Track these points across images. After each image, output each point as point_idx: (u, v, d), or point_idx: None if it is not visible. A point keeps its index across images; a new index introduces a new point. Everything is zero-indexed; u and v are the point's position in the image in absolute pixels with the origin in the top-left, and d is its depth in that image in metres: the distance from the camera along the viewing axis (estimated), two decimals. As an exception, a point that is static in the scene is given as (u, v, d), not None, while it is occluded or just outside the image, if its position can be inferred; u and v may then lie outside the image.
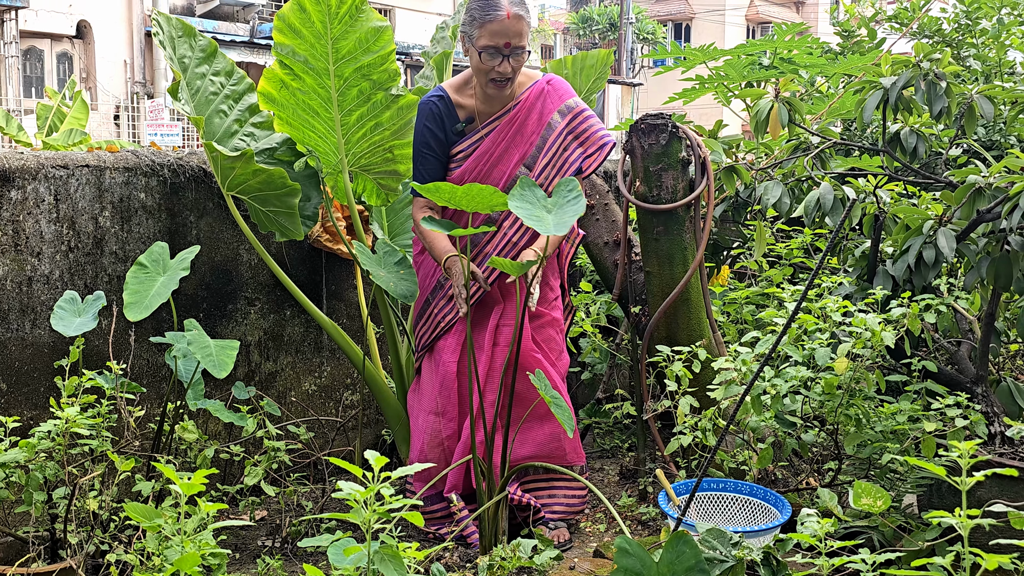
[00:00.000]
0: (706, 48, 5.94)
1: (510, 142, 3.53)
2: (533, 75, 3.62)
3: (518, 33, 3.34)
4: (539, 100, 3.54)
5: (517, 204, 3.01)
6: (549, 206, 3.05)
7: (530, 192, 3.07)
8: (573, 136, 3.55)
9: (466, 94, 3.56)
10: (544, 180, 3.52)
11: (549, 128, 3.53)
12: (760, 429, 3.25)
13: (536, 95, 3.55)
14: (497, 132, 3.53)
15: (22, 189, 3.38)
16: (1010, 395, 3.51)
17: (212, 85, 3.86)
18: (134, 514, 2.13)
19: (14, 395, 3.43)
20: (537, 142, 3.52)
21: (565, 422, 3.10)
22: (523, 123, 3.53)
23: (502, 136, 3.53)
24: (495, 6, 3.34)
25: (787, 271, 4.73)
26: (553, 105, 3.55)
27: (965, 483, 2.19)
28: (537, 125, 3.53)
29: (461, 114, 3.55)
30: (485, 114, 3.55)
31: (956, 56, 5.80)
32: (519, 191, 3.06)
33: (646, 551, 2.25)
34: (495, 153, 3.53)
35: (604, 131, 3.58)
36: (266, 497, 3.81)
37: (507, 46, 3.34)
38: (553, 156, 3.52)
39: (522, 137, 3.53)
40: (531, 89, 3.55)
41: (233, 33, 21.84)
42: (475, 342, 3.58)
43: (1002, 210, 3.14)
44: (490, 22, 3.33)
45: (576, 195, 3.08)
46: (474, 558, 3.28)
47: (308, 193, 3.93)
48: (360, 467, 2.20)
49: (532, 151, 3.52)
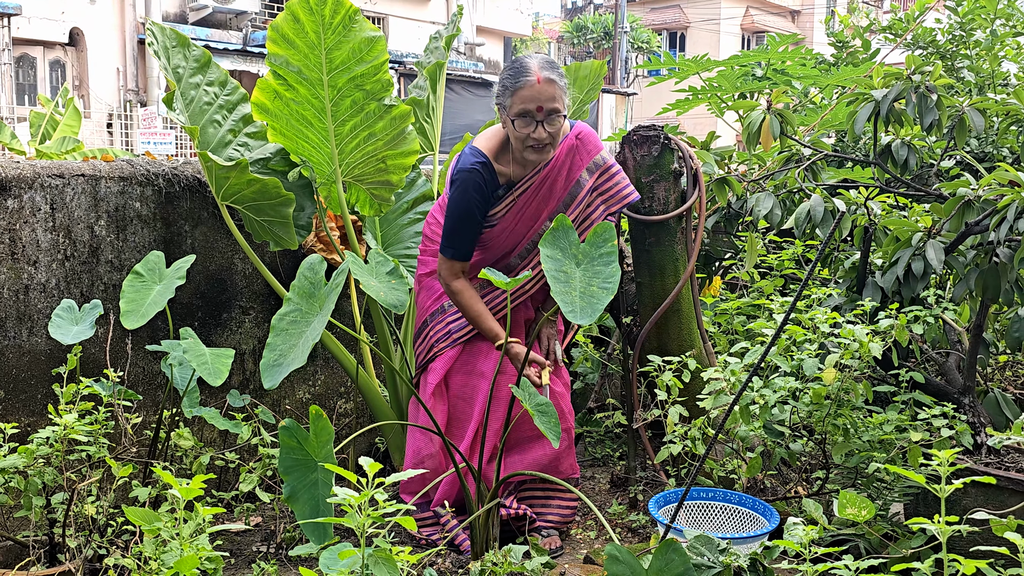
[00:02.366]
0: (700, 59, 5.99)
1: (542, 200, 3.53)
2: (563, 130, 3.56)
3: (551, 97, 3.29)
4: (568, 157, 3.51)
5: (548, 251, 3.01)
6: (580, 256, 3.06)
7: (563, 236, 3.07)
8: (599, 194, 3.55)
9: (504, 160, 3.50)
10: None
11: (578, 185, 3.52)
12: (749, 438, 3.29)
13: (566, 152, 3.50)
14: (530, 192, 3.51)
15: (18, 198, 3.41)
16: (997, 406, 3.55)
17: (206, 95, 3.89)
18: (134, 518, 2.17)
19: (11, 402, 3.45)
20: (565, 198, 3.52)
21: (549, 431, 3.10)
22: (554, 181, 3.51)
23: (534, 196, 3.52)
24: (525, 71, 3.31)
25: (778, 282, 4.77)
26: (582, 161, 3.51)
27: (944, 490, 2.23)
28: (566, 182, 3.52)
29: (500, 180, 3.51)
30: (519, 177, 3.52)
31: (950, 67, 5.84)
32: (552, 233, 3.07)
33: (636, 558, 2.29)
34: (527, 212, 3.53)
35: (629, 188, 3.56)
36: (261, 503, 3.84)
37: (540, 110, 3.30)
38: (579, 213, 3.53)
39: (552, 195, 3.52)
40: (561, 146, 3.50)
41: (226, 41, 21.83)
42: (477, 368, 3.62)
43: (990, 222, 3.18)
44: (521, 88, 3.30)
45: (610, 251, 3.05)
46: (466, 564, 3.31)
47: (302, 203, 3.96)
48: (354, 474, 2.23)
49: (559, 207, 3.52)
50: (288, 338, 3.08)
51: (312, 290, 3.19)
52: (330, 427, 2.88)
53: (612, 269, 3.01)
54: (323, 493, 2.88)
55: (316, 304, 3.16)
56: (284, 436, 2.87)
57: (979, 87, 5.63)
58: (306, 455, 2.89)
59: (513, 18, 31.84)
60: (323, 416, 2.88)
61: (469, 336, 3.61)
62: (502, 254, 3.61)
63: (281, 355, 3.04)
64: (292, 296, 3.18)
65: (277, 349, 3.06)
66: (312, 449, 2.89)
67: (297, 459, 2.89)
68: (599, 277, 3.01)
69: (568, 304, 2.91)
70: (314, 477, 2.90)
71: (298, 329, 3.10)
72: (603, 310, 2.94)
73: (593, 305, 2.91)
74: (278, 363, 3.02)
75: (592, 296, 2.94)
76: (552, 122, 3.33)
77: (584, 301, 2.93)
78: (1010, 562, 2.42)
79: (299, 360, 2.97)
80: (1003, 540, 2.23)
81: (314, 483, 2.91)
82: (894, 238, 3.59)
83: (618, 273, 3.01)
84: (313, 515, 2.85)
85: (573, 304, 2.92)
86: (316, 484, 2.90)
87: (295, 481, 2.89)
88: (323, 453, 2.88)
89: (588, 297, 2.94)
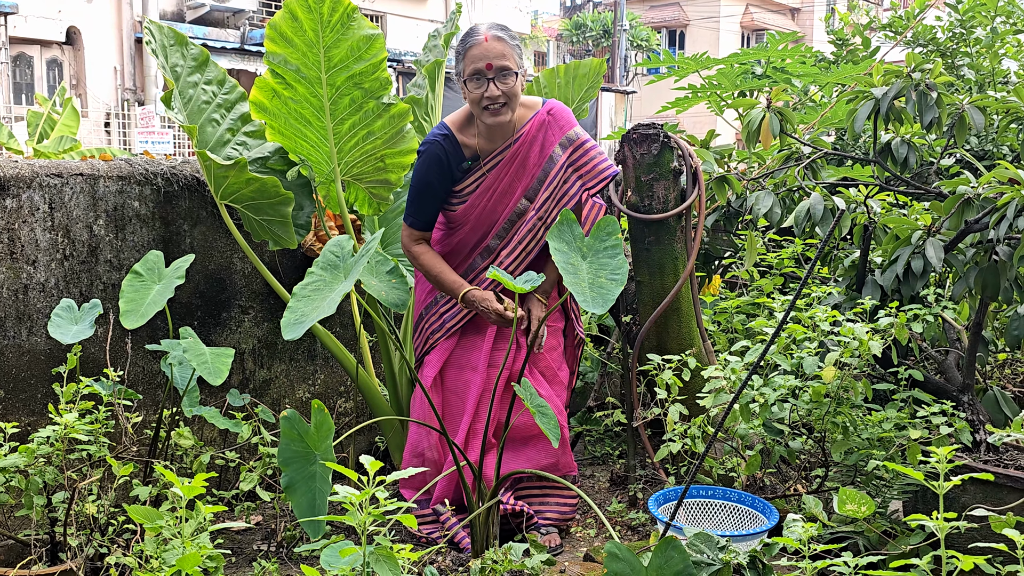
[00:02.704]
0: (699, 57, 5.99)
1: (514, 176, 3.54)
2: (533, 105, 3.59)
3: (500, 54, 3.35)
4: (540, 132, 3.54)
5: (555, 243, 3.04)
6: (585, 249, 3.08)
7: (567, 229, 3.09)
8: (574, 169, 3.55)
9: (470, 133, 3.55)
10: (544, 212, 3.54)
11: (551, 161, 3.53)
12: (748, 436, 3.29)
13: (537, 127, 3.54)
14: (500, 167, 3.54)
15: (17, 197, 3.41)
16: (996, 404, 3.56)
17: (204, 94, 3.89)
18: (136, 516, 2.17)
19: (11, 401, 3.45)
20: (539, 175, 3.53)
21: (550, 431, 3.11)
22: (525, 156, 3.53)
23: (505, 171, 3.54)
24: (473, 33, 3.39)
25: (778, 280, 4.77)
26: (555, 137, 3.53)
27: (942, 487, 2.23)
28: (539, 158, 3.54)
29: (466, 152, 3.55)
30: (488, 151, 3.55)
31: (950, 65, 5.83)
32: (558, 228, 3.09)
33: (635, 555, 2.29)
34: (499, 188, 3.55)
35: (605, 162, 3.58)
36: (261, 502, 3.84)
37: (489, 68, 3.35)
38: (554, 190, 3.53)
39: (525, 170, 3.54)
40: (532, 121, 3.53)
41: (223, 40, 21.81)
42: (469, 362, 3.64)
43: (990, 220, 3.18)
44: (470, 49, 3.37)
45: (614, 244, 3.07)
46: (466, 562, 3.31)
47: (301, 202, 3.96)
48: (354, 472, 2.23)
49: (533, 183, 3.54)
50: (311, 302, 3.06)
51: (337, 262, 3.19)
52: (331, 422, 2.89)
53: (619, 261, 3.04)
54: (321, 486, 2.89)
55: (340, 274, 3.16)
56: (285, 427, 2.88)
57: (979, 85, 5.63)
58: (306, 447, 2.91)
59: (512, 16, 31.84)
60: (324, 410, 2.89)
61: (462, 323, 3.62)
62: (480, 234, 3.61)
63: (303, 315, 3.01)
64: (315, 270, 3.17)
65: (298, 311, 3.04)
66: (312, 442, 2.90)
67: (297, 451, 2.91)
68: (606, 269, 3.04)
69: (580, 294, 2.95)
70: (313, 470, 2.91)
71: (321, 295, 3.08)
72: (614, 301, 2.97)
73: (604, 296, 2.95)
74: (300, 321, 2.98)
75: (602, 287, 2.98)
76: (503, 79, 3.37)
77: (594, 292, 2.96)
78: (1008, 559, 2.42)
79: (325, 311, 2.94)
80: (1001, 537, 2.23)
81: (312, 476, 2.92)
82: (894, 236, 3.59)
83: (625, 265, 3.03)
84: (310, 507, 2.87)
85: (584, 294, 2.96)
86: (314, 477, 2.92)
87: (294, 472, 2.90)
88: (323, 447, 2.89)
89: (598, 288, 2.97)
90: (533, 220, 3.54)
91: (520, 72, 3.42)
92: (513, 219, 3.57)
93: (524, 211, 3.57)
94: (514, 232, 3.57)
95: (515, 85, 3.41)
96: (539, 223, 3.55)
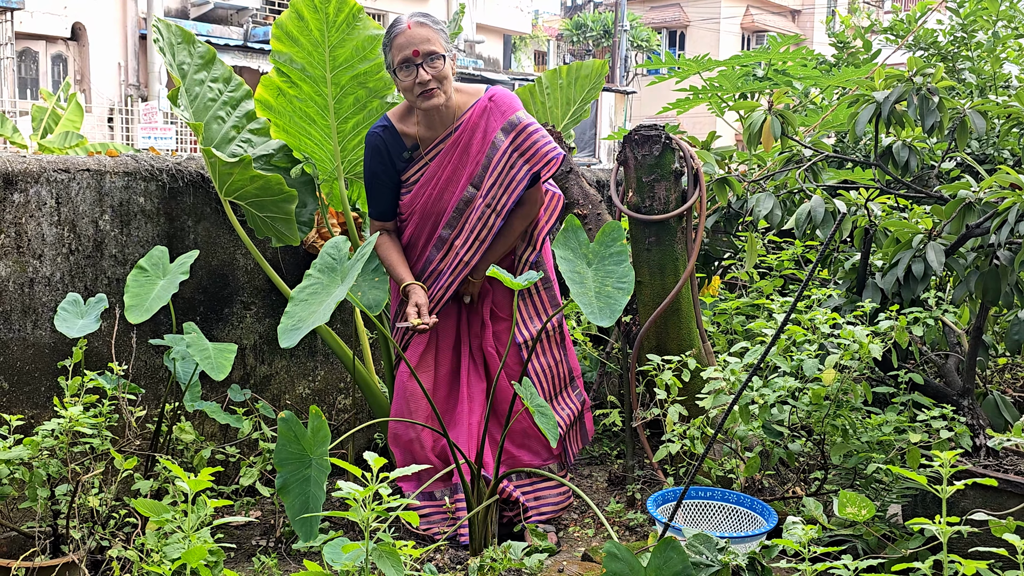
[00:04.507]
0: (700, 59, 6.01)
1: (457, 164, 3.52)
2: (475, 93, 3.57)
3: (425, 39, 3.35)
4: (482, 118, 3.50)
5: (561, 252, 3.04)
6: (590, 256, 3.08)
7: (573, 236, 3.09)
8: (519, 153, 3.47)
9: (410, 122, 3.54)
10: (492, 199, 3.49)
11: (493, 147, 3.48)
12: (748, 438, 3.30)
13: (479, 114, 3.51)
14: (442, 155, 3.53)
15: (24, 192, 3.42)
16: (996, 408, 3.56)
17: (210, 91, 3.91)
18: (142, 509, 2.19)
19: (16, 394, 3.47)
20: (483, 161, 3.49)
21: (548, 432, 3.12)
22: (467, 144, 3.51)
23: (447, 159, 3.53)
24: (397, 23, 3.41)
25: (778, 282, 4.78)
26: (496, 122, 3.48)
27: (945, 491, 2.24)
28: (482, 144, 3.50)
29: (407, 142, 3.55)
30: (429, 139, 3.55)
31: (951, 69, 5.83)
32: (564, 235, 3.09)
33: (634, 555, 2.30)
34: (443, 176, 3.54)
35: (550, 145, 3.49)
36: (261, 498, 3.85)
37: (416, 54, 3.35)
38: (500, 175, 3.48)
39: (468, 157, 3.51)
40: (473, 108, 3.51)
41: (227, 37, 21.82)
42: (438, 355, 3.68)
43: (991, 225, 3.18)
44: (395, 38, 3.38)
45: (620, 251, 3.06)
46: (464, 559, 3.32)
47: (304, 199, 3.97)
48: (356, 467, 2.25)
49: (478, 171, 3.50)
50: (308, 306, 3.08)
51: (335, 264, 3.20)
52: (327, 429, 2.90)
53: (625, 268, 3.03)
54: (314, 490, 2.90)
55: (338, 277, 3.17)
56: (283, 428, 2.90)
57: (980, 89, 5.63)
58: (301, 450, 2.92)
59: (513, 16, 31.85)
60: (322, 417, 2.90)
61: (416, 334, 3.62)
62: (431, 225, 3.60)
63: (300, 320, 3.03)
64: (313, 272, 3.19)
65: (295, 316, 3.06)
66: (308, 446, 2.92)
67: (292, 452, 2.92)
68: (612, 276, 3.03)
69: (587, 305, 2.93)
70: (307, 473, 2.92)
71: (318, 299, 3.10)
72: (621, 311, 2.95)
73: (611, 306, 2.94)
74: (296, 327, 3.01)
75: (609, 296, 2.96)
76: (431, 63, 3.37)
77: (601, 302, 2.95)
78: (1008, 564, 2.43)
79: (320, 319, 2.95)
80: (1001, 542, 2.24)
81: (306, 479, 2.93)
82: (894, 239, 3.60)
83: (631, 273, 3.02)
84: (302, 509, 2.88)
85: (591, 305, 2.94)
86: (308, 480, 2.93)
87: (288, 474, 2.92)
88: (318, 452, 2.91)
89: (605, 297, 2.96)
90: (481, 207, 3.49)
91: (448, 55, 3.41)
92: (461, 207, 3.53)
93: (472, 199, 3.52)
94: (464, 221, 3.53)
95: (444, 67, 3.40)
96: (488, 210, 3.49)
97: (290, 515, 2.90)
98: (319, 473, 2.89)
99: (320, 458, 2.90)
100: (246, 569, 3.38)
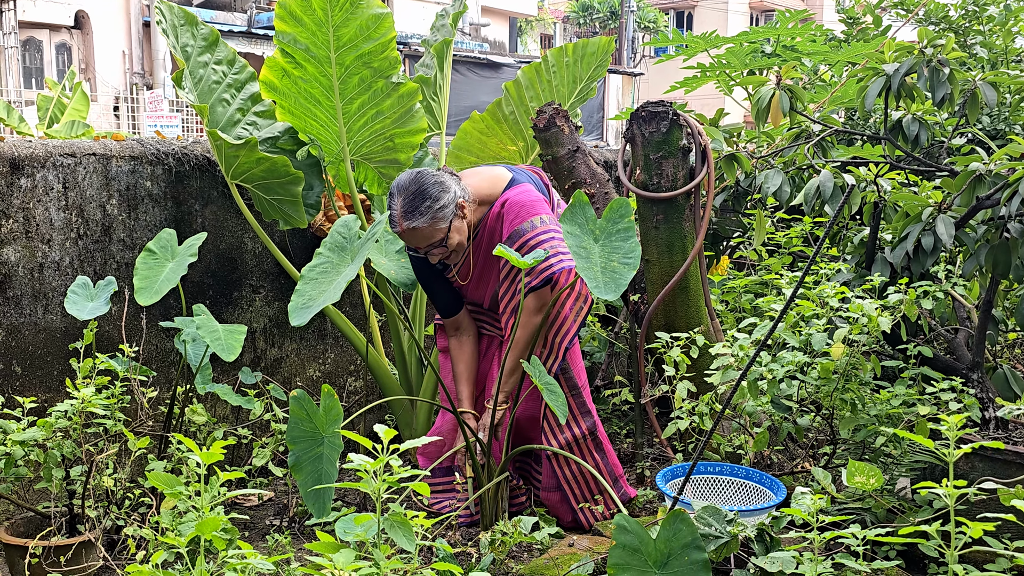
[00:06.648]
0: (708, 36, 5.97)
1: (483, 264, 3.55)
2: (491, 199, 3.50)
3: (420, 239, 3.29)
4: (497, 223, 3.49)
5: (568, 227, 3.04)
6: (597, 232, 3.08)
7: (580, 212, 3.10)
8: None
9: None
10: (503, 306, 3.53)
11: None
12: (756, 414, 3.30)
13: (494, 218, 3.49)
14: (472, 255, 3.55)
15: (31, 177, 3.43)
16: (1005, 382, 3.55)
17: (214, 74, 3.90)
18: (157, 483, 2.20)
19: (28, 378, 3.49)
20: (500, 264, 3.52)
21: (558, 408, 3.12)
22: (488, 246, 3.50)
23: (475, 260, 3.56)
24: (392, 217, 3.29)
25: (786, 260, 4.77)
26: (506, 231, 3.43)
27: (952, 455, 2.24)
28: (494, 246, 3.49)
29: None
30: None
31: (962, 43, 5.78)
32: (571, 211, 3.09)
33: (644, 528, 2.31)
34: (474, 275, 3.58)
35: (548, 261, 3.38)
36: (273, 478, 3.87)
37: (418, 249, 3.36)
38: (508, 283, 3.52)
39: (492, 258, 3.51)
40: (491, 211, 3.49)
41: (230, 23, 21.78)
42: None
43: (1001, 197, 3.16)
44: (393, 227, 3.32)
45: (626, 227, 3.06)
46: (475, 535, 3.33)
47: (311, 182, 3.98)
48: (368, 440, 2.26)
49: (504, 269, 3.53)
50: (318, 285, 3.09)
51: (344, 244, 3.21)
52: (339, 407, 2.92)
53: (631, 244, 3.03)
54: (327, 468, 2.92)
55: (348, 256, 3.17)
56: (295, 406, 2.91)
57: (992, 63, 5.58)
58: (314, 428, 2.94)
59: (519, -2, 31.73)
60: (334, 395, 2.92)
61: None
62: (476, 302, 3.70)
63: (310, 298, 3.04)
64: (323, 251, 3.20)
65: (306, 295, 3.07)
66: (320, 424, 2.93)
67: (305, 430, 2.94)
68: (619, 252, 3.03)
69: (592, 280, 2.94)
70: (319, 451, 2.94)
71: (328, 278, 3.11)
72: (626, 286, 2.95)
73: (616, 280, 2.94)
74: (307, 305, 3.02)
75: (614, 271, 2.97)
76: (434, 252, 3.36)
77: (607, 276, 2.95)
78: (1016, 533, 2.43)
79: (331, 298, 2.97)
80: (1010, 510, 2.24)
81: (319, 456, 2.95)
82: (904, 213, 3.58)
83: (638, 249, 3.02)
84: (315, 486, 2.90)
85: (596, 279, 2.94)
86: (320, 458, 2.94)
87: (300, 451, 2.94)
88: (331, 430, 2.92)
89: (610, 272, 2.96)
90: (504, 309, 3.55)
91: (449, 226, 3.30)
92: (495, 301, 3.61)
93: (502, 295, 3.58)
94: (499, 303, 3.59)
95: (449, 241, 3.34)
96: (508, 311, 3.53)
97: (302, 492, 2.92)
98: (331, 451, 2.91)
99: (332, 436, 2.91)
100: (260, 547, 3.41)
